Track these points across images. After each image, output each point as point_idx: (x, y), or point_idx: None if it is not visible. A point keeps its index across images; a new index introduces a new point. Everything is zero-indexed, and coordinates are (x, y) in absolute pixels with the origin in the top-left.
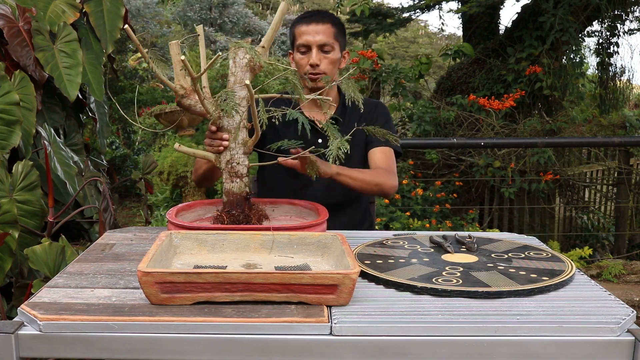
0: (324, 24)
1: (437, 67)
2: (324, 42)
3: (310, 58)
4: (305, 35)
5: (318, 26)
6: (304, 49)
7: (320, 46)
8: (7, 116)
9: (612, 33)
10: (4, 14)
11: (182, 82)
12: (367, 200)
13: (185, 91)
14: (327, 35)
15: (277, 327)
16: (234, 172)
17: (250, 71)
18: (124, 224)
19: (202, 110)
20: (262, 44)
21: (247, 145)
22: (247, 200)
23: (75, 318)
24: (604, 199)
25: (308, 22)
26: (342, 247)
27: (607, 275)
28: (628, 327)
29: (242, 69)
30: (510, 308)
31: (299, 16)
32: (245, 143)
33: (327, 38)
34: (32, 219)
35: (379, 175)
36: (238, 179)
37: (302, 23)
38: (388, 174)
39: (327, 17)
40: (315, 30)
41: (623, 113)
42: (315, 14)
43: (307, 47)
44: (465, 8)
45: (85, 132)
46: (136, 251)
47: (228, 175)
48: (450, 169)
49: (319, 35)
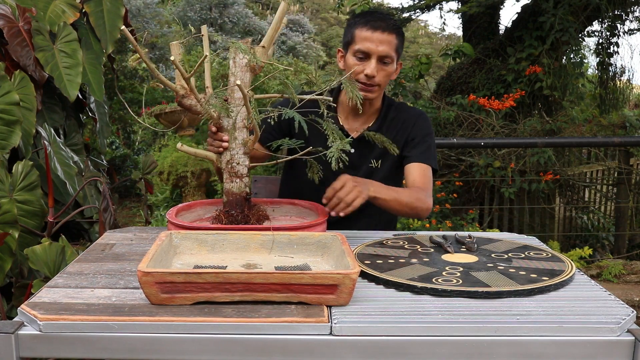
0: (389, 34)
1: (437, 67)
2: (385, 53)
3: (366, 67)
4: (367, 42)
5: (383, 35)
6: (361, 55)
7: (381, 57)
8: (7, 116)
9: (612, 33)
10: (4, 14)
11: (183, 82)
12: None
13: (186, 91)
14: (390, 47)
15: (277, 327)
16: (234, 172)
17: (251, 71)
18: (124, 224)
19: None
20: (263, 44)
21: (247, 145)
22: (247, 200)
23: (75, 318)
24: (604, 199)
25: (374, 28)
26: (342, 247)
27: (607, 275)
28: (628, 327)
29: (242, 69)
30: (510, 308)
31: (361, 15)
32: (246, 143)
33: (390, 50)
34: (32, 219)
35: (413, 196)
36: (238, 179)
37: (366, 27)
38: (424, 195)
39: (393, 27)
40: (380, 40)
41: (623, 113)
42: (381, 20)
43: (366, 54)
44: (465, 8)
45: (85, 132)
46: (136, 251)
47: (228, 175)
48: (450, 169)
49: (382, 45)
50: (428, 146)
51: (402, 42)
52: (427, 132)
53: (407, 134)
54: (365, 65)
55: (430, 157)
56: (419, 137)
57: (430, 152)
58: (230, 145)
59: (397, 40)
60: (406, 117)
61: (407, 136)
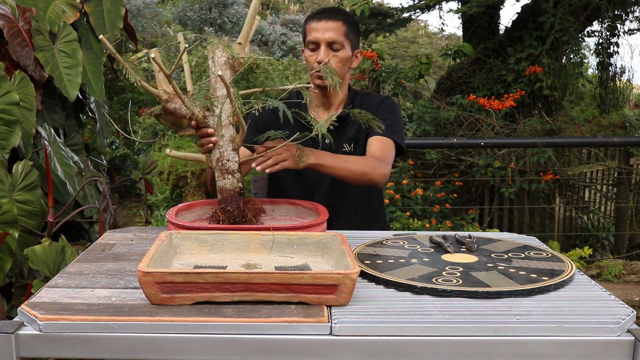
0: (335, 21)
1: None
2: (333, 39)
3: (318, 55)
4: (314, 32)
5: (328, 23)
6: (313, 46)
7: (330, 44)
8: (7, 116)
9: (612, 33)
10: (4, 14)
11: (165, 87)
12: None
13: (169, 95)
14: (338, 32)
15: (277, 327)
16: (224, 169)
17: (230, 69)
18: (124, 224)
19: (187, 112)
20: (239, 41)
21: (235, 141)
22: (241, 195)
23: (75, 318)
24: (604, 199)
25: (319, 18)
26: (342, 247)
27: (607, 275)
28: (628, 327)
29: (222, 67)
30: (510, 308)
31: (311, 13)
32: (234, 139)
33: (337, 36)
34: (32, 219)
35: (366, 163)
36: (230, 175)
37: (313, 20)
38: (378, 162)
39: (339, 15)
40: (325, 27)
41: (623, 113)
42: (327, 11)
43: (316, 44)
44: (465, 8)
45: (85, 132)
46: (136, 251)
47: (219, 172)
48: (450, 169)
49: (328, 32)
50: (391, 122)
51: (354, 29)
52: (391, 110)
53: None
54: (317, 54)
55: (393, 132)
56: (384, 115)
57: (392, 127)
58: (218, 143)
59: (345, 27)
60: (371, 102)
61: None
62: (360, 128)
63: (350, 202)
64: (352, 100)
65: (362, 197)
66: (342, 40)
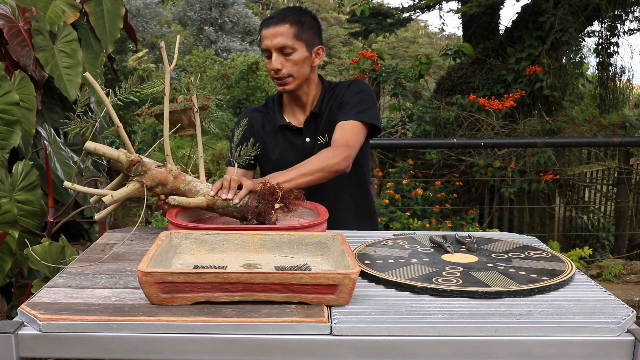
0: (282, 24)
1: (437, 67)
2: (281, 44)
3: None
4: (265, 39)
5: (276, 28)
6: (267, 54)
7: (280, 49)
8: (7, 116)
9: (612, 33)
10: (4, 14)
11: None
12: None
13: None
14: (286, 37)
15: (277, 327)
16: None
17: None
18: (124, 224)
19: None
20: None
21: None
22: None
23: (75, 318)
24: (604, 199)
25: (267, 25)
26: (342, 247)
27: (607, 275)
28: (628, 327)
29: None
30: (510, 308)
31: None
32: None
33: (286, 40)
34: (32, 219)
35: (319, 158)
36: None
37: (263, 26)
38: (332, 150)
39: (289, 17)
40: (273, 34)
41: (623, 113)
42: (276, 15)
43: (268, 51)
44: (465, 8)
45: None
46: (136, 251)
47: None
48: (450, 169)
49: (276, 38)
50: (356, 103)
51: (305, 28)
52: (357, 91)
53: (340, 102)
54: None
55: (359, 112)
56: (348, 98)
57: (358, 108)
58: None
59: (294, 28)
60: (339, 89)
61: (339, 103)
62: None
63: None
64: (324, 95)
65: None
66: (292, 44)
